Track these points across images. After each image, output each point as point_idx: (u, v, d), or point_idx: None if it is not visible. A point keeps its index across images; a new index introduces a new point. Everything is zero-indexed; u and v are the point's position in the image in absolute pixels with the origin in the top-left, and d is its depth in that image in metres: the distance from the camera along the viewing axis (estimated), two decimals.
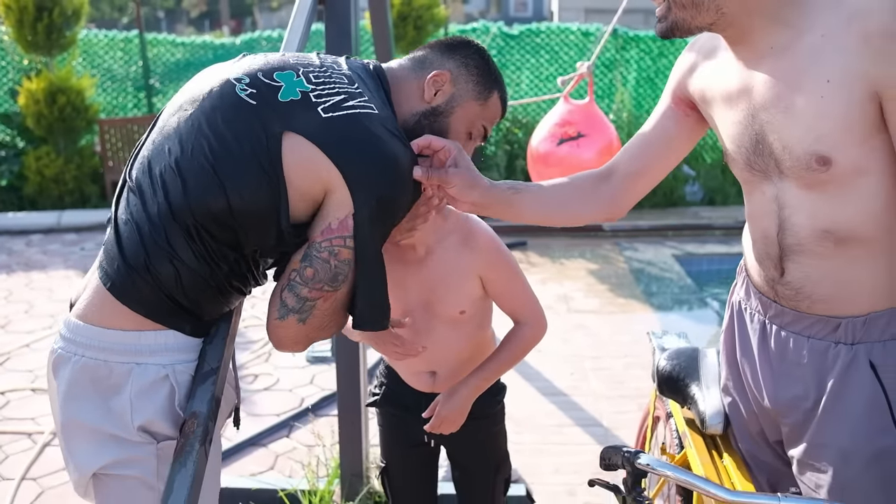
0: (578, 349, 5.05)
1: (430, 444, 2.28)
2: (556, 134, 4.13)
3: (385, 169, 1.60)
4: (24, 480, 3.67)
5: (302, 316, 1.62)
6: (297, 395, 4.47)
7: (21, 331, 5.53)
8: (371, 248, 1.61)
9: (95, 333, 1.61)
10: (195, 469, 1.53)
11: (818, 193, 1.57)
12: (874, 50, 1.44)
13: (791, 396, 1.72)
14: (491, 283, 2.11)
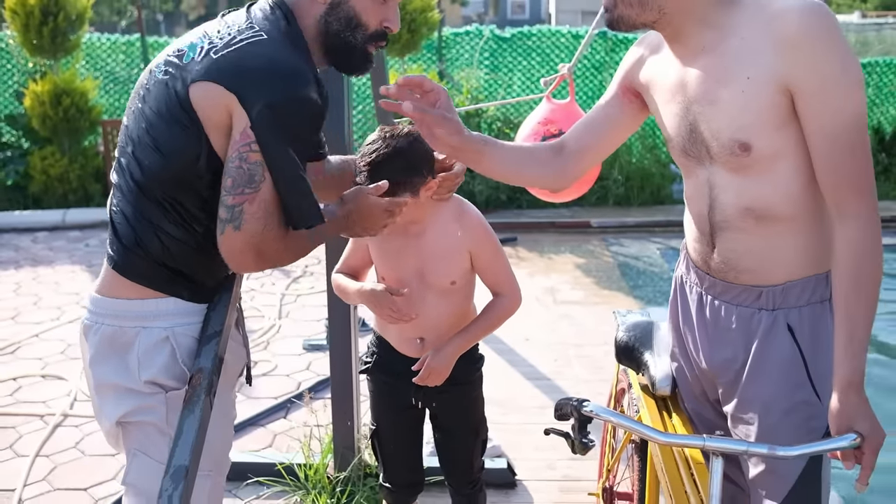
0: (563, 338, 5.29)
1: (419, 405, 2.52)
2: (539, 132, 4.33)
3: (271, 80, 1.76)
4: (37, 457, 3.90)
5: (235, 223, 1.77)
6: (294, 380, 4.70)
7: (30, 321, 5.76)
8: (278, 149, 1.77)
9: (109, 304, 1.91)
10: (201, 416, 1.79)
11: (742, 176, 1.81)
12: (785, 52, 1.68)
13: (723, 359, 1.97)
14: (478, 257, 2.39)
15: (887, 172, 9.40)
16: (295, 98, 1.78)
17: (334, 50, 1.94)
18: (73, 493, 3.62)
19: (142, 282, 1.90)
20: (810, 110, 1.69)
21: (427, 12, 8.99)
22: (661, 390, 2.20)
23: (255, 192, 1.76)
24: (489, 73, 9.64)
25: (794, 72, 1.68)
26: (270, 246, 1.82)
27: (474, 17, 58.80)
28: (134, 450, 1.95)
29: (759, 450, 1.66)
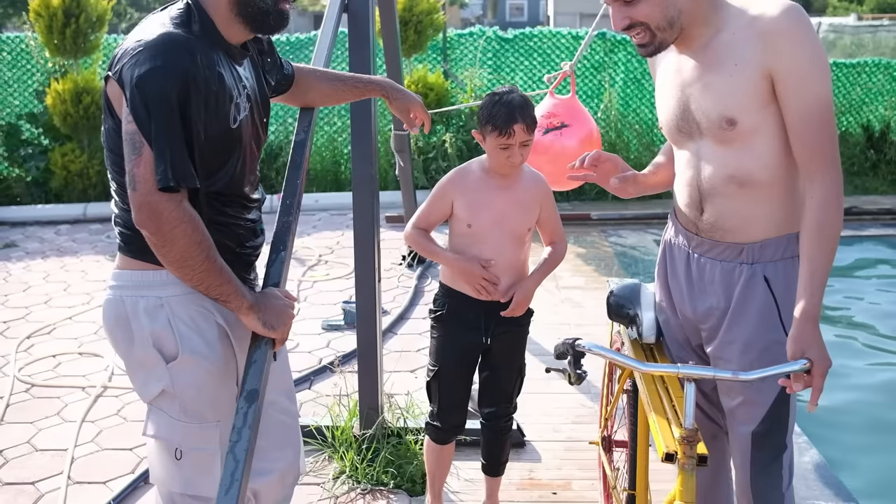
0: (565, 319, 5.65)
1: (487, 342, 3.02)
2: (543, 125, 4.68)
3: (139, 56, 1.95)
4: (84, 423, 4.25)
5: (132, 185, 1.96)
6: (316, 356, 5.06)
7: (62, 306, 6.12)
8: (145, 116, 1.93)
9: (114, 275, 2.23)
10: (266, 350, 2.14)
11: (726, 148, 2.19)
12: (766, 43, 2.07)
13: (707, 307, 2.33)
14: (545, 210, 3.01)
15: (875, 168, 9.75)
16: (156, 68, 1.93)
17: (249, 17, 2.12)
18: (119, 452, 3.97)
19: (136, 255, 2.16)
20: (787, 92, 2.07)
21: (433, 14, 9.35)
22: (647, 339, 2.56)
23: (139, 157, 1.94)
24: (492, 73, 9.99)
25: (774, 60, 2.06)
26: (164, 206, 1.95)
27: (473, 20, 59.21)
28: (152, 407, 2.26)
29: (724, 374, 2.03)
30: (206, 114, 2.04)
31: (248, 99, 2.23)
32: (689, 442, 2.04)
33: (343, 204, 8.87)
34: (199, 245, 2.01)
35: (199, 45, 2.04)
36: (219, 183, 2.16)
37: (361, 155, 3.58)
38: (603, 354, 2.15)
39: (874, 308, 6.55)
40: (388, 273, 6.57)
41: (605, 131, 9.42)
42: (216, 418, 2.21)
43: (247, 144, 2.24)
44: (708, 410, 2.56)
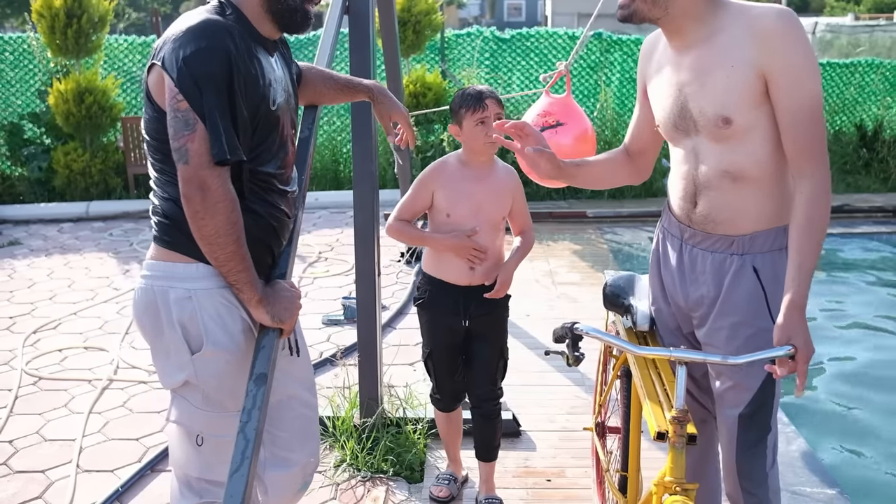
0: (562, 313, 5.76)
1: (466, 324, 3.24)
2: (538, 123, 4.78)
3: (182, 40, 2.09)
4: (91, 414, 4.36)
5: (183, 159, 2.09)
6: (316, 350, 5.16)
7: (67, 301, 6.23)
8: (197, 94, 2.06)
9: (147, 265, 2.34)
10: (275, 336, 2.25)
11: (722, 144, 2.30)
12: (762, 46, 2.19)
13: (699, 295, 2.44)
14: (516, 202, 3.25)
15: (868, 167, 9.87)
16: (201, 49, 2.07)
17: (279, 14, 2.28)
18: (126, 442, 4.07)
19: (170, 247, 2.28)
20: (781, 92, 2.19)
21: (431, 14, 9.45)
22: (641, 327, 2.67)
23: (192, 133, 2.07)
24: (490, 73, 10.10)
25: (769, 62, 2.18)
26: (214, 181, 2.09)
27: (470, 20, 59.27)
28: (175, 395, 2.37)
29: (714, 358, 2.14)
30: (247, 92, 2.17)
31: (284, 89, 2.36)
32: (679, 422, 2.15)
33: (342, 202, 8.98)
34: (234, 225, 2.13)
35: (237, 30, 2.18)
36: (258, 161, 2.28)
37: (362, 153, 3.68)
38: (599, 337, 2.25)
39: (865, 304, 6.66)
40: (386, 269, 6.68)
41: (601, 130, 9.54)
42: (236, 408, 2.29)
43: (284, 129, 2.36)
44: (698, 396, 2.67)
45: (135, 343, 5.32)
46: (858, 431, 4.66)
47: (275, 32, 2.37)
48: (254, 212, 2.28)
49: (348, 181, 9.77)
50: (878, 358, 5.60)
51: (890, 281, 7.20)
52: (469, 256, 3.15)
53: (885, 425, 4.71)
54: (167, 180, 2.24)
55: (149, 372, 4.84)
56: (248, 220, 2.23)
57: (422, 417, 3.95)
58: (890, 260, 7.73)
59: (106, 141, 9.46)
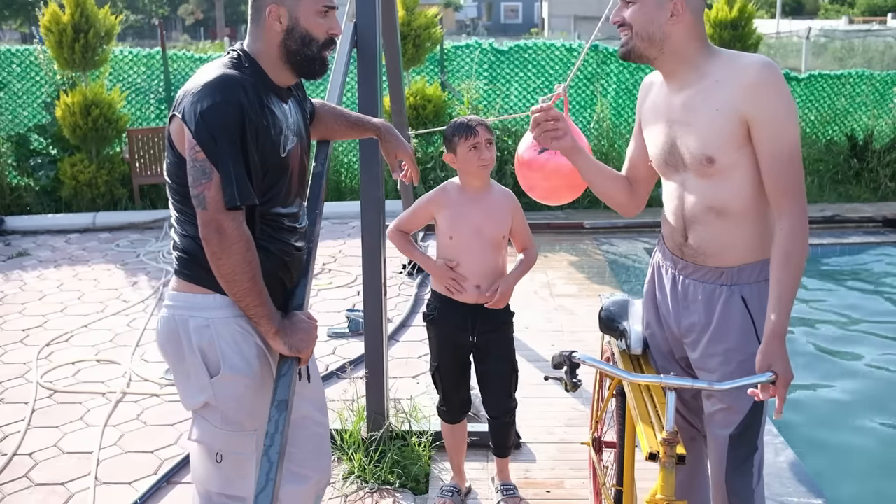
0: (559, 326, 5.94)
1: (473, 340, 3.47)
2: (537, 145, 4.97)
3: (200, 94, 2.27)
4: (106, 427, 4.53)
5: (201, 206, 2.28)
6: (323, 363, 5.33)
7: (78, 314, 6.39)
8: (213, 145, 2.24)
9: (170, 295, 2.54)
10: (292, 363, 2.42)
11: (707, 181, 2.49)
12: (746, 94, 2.38)
13: (690, 322, 2.63)
14: (516, 220, 3.48)
15: (859, 177, 10.06)
16: (216, 103, 2.25)
17: (298, 64, 2.46)
18: (142, 454, 4.24)
19: (190, 279, 2.48)
20: (762, 137, 2.39)
21: (430, 28, 9.63)
22: (634, 350, 2.85)
23: (209, 181, 2.26)
24: (488, 84, 10.29)
25: (751, 109, 2.38)
26: (229, 224, 2.27)
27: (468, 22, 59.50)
28: (196, 415, 2.55)
29: (701, 384, 2.32)
30: (258, 141, 2.35)
31: (296, 134, 2.54)
32: (669, 443, 2.33)
33: (344, 213, 9.14)
34: (249, 264, 2.33)
35: (250, 83, 2.37)
36: (269, 204, 2.46)
37: (370, 179, 3.87)
38: (596, 365, 2.44)
39: (855, 313, 6.84)
40: (389, 282, 6.80)
41: (597, 141, 9.71)
42: (253, 427, 2.49)
43: (293, 172, 2.54)
44: (687, 416, 2.86)
45: (146, 356, 5.49)
46: (845, 442, 4.84)
47: (291, 79, 2.55)
48: (265, 249, 2.47)
49: (350, 191, 9.95)
50: (866, 369, 5.78)
51: (880, 291, 7.38)
52: (446, 285, 3.40)
53: (872, 436, 4.89)
54: (186, 220, 2.43)
55: (160, 385, 5.01)
56: (261, 255, 2.42)
57: (426, 430, 4.13)
58: (880, 270, 7.91)
59: (112, 152, 9.63)
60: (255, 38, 2.48)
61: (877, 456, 4.68)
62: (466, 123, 3.35)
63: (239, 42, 2.54)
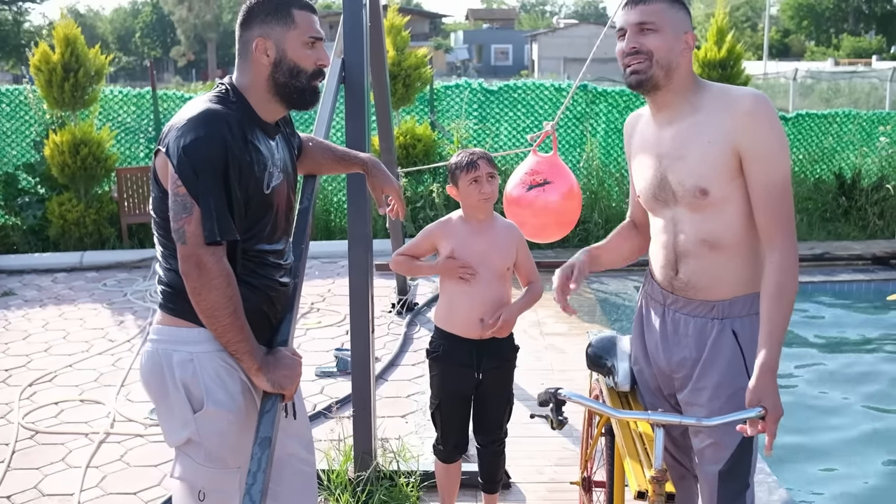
0: (549, 364, 5.89)
1: (478, 376, 3.43)
2: (526, 181, 4.97)
3: (184, 129, 2.26)
4: (88, 468, 4.44)
5: (181, 240, 2.26)
6: (310, 402, 5.26)
7: (62, 353, 6.31)
8: (194, 181, 2.22)
9: (154, 329, 2.50)
10: (276, 400, 2.37)
11: (699, 214, 2.47)
12: (738, 127, 2.38)
13: (681, 357, 2.59)
14: (520, 254, 3.47)
15: (847, 215, 10.09)
16: (199, 138, 2.24)
17: (287, 96, 2.45)
18: (124, 496, 4.16)
19: (174, 313, 2.45)
20: (753, 169, 2.38)
21: (420, 68, 9.69)
22: (622, 387, 2.81)
23: (189, 216, 2.25)
24: (478, 124, 10.33)
25: (744, 141, 2.38)
26: (209, 259, 2.25)
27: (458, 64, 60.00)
28: (179, 452, 2.50)
29: (689, 421, 2.28)
30: (241, 177, 2.33)
31: (282, 170, 2.52)
32: (658, 481, 2.29)
33: (334, 252, 9.11)
34: (230, 299, 2.29)
35: (235, 118, 2.35)
36: (252, 241, 2.44)
37: (358, 214, 3.84)
38: (582, 402, 2.39)
39: (846, 350, 6.82)
40: (378, 321, 6.80)
41: (587, 180, 9.73)
42: (237, 464, 2.43)
43: (279, 209, 2.52)
44: (676, 454, 2.81)
45: (131, 396, 5.42)
46: (839, 480, 4.79)
47: (280, 112, 2.53)
48: (249, 284, 2.44)
49: (339, 231, 9.92)
50: (858, 406, 5.74)
51: (869, 328, 7.37)
52: (458, 275, 3.37)
53: (866, 474, 4.84)
54: (170, 254, 2.39)
55: (145, 425, 4.94)
56: (245, 290, 2.39)
57: (414, 470, 4.06)
58: (869, 307, 7.90)
59: (100, 191, 9.60)
60: (242, 71, 2.47)
61: (872, 494, 4.62)
62: (468, 157, 3.37)
63: (228, 76, 2.52)
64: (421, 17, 65.39)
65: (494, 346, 3.44)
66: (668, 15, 2.43)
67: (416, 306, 7.22)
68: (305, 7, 2.46)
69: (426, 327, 6.79)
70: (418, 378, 5.69)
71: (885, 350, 6.88)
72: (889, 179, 10.15)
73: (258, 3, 2.44)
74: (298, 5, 2.44)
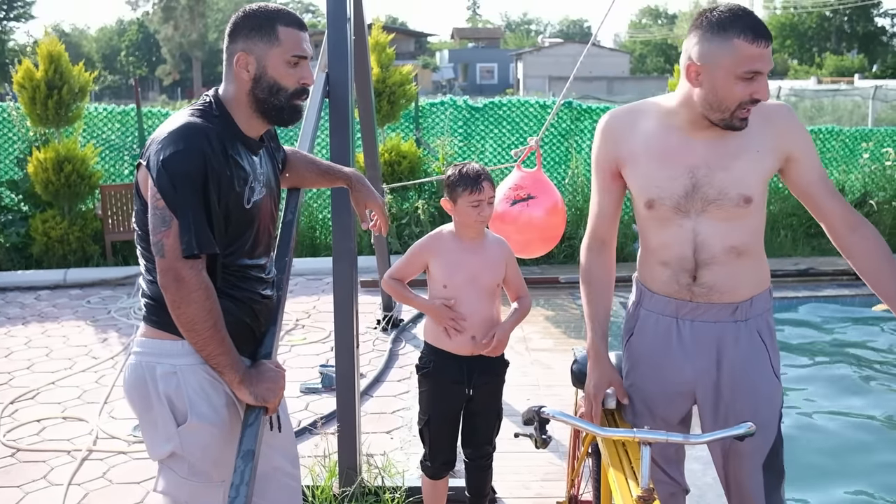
0: (535, 380, 5.88)
1: (469, 392, 3.42)
2: (510, 196, 4.99)
3: (164, 142, 2.25)
4: (70, 485, 4.40)
5: (160, 253, 2.25)
6: (295, 418, 5.23)
7: (45, 371, 6.26)
8: (172, 194, 2.21)
9: (138, 341, 2.49)
10: (259, 413, 2.36)
11: (730, 223, 2.50)
12: (782, 134, 2.48)
13: (702, 368, 2.60)
14: (510, 269, 3.45)
15: None
16: (179, 151, 2.23)
17: (266, 113, 2.42)
18: None
19: (158, 326, 2.43)
20: (807, 164, 2.51)
21: (405, 85, 9.71)
22: (608, 405, 2.79)
23: (168, 229, 2.24)
24: (463, 141, 10.35)
25: (790, 146, 2.50)
26: (188, 273, 2.24)
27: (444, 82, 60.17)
28: (162, 466, 2.48)
29: (676, 438, 2.26)
30: (221, 191, 2.32)
31: (264, 185, 2.51)
32: (645, 500, 2.25)
33: (319, 269, 9.08)
34: (210, 312, 2.28)
35: (216, 132, 2.34)
36: (234, 256, 2.42)
37: (342, 229, 3.83)
38: (565, 421, 2.37)
39: (830, 365, 6.83)
40: (363, 337, 6.78)
41: (572, 197, 9.75)
42: (220, 478, 2.41)
43: (261, 224, 2.50)
44: (667, 469, 2.77)
45: (114, 413, 5.37)
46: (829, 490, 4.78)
47: (262, 127, 2.51)
48: (231, 296, 2.43)
49: (324, 247, 9.90)
50: (845, 419, 5.75)
51: (856, 343, 7.39)
52: (446, 325, 3.33)
53: (847, 485, 4.84)
54: (153, 267, 2.37)
55: (128, 442, 4.89)
56: (228, 303, 2.39)
57: (400, 486, 4.04)
58: (855, 322, 7.93)
59: (84, 209, 9.55)
60: (227, 83, 2.47)
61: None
62: (473, 176, 3.28)
63: (214, 88, 2.51)
64: (406, 36, 65.61)
65: (485, 362, 3.42)
66: None
67: (402, 323, 7.20)
68: (292, 24, 2.42)
69: (412, 343, 6.78)
70: (404, 394, 5.67)
71: (870, 363, 6.90)
72: (872, 195, 10.21)
73: (245, 17, 2.42)
74: (285, 21, 2.41)
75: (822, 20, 59.60)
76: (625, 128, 2.62)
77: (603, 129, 2.67)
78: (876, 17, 60.85)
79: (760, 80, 2.33)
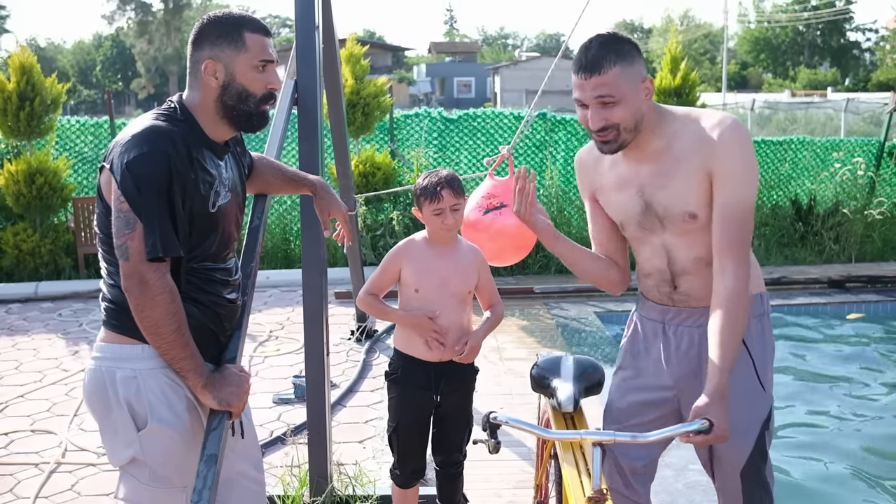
0: (508, 389, 5.88)
1: (437, 399, 3.40)
2: (483, 205, 4.97)
3: (128, 145, 2.24)
4: (37, 499, 4.34)
5: (124, 256, 2.24)
6: (267, 429, 5.20)
7: (14, 384, 6.19)
8: (137, 197, 2.21)
9: (97, 346, 2.48)
10: (223, 417, 2.34)
11: (688, 237, 2.53)
12: (709, 150, 2.43)
13: (688, 371, 2.62)
14: (482, 277, 3.45)
15: (804, 240, 10.22)
16: (143, 154, 2.23)
17: (235, 119, 2.42)
18: None
19: (118, 330, 2.41)
20: (719, 190, 2.44)
21: (380, 97, 9.72)
22: (565, 409, 2.79)
23: (132, 232, 2.23)
24: (438, 152, 10.36)
25: (713, 164, 2.44)
26: (152, 276, 2.23)
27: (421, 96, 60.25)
28: (123, 472, 2.45)
29: (623, 437, 2.26)
30: (185, 194, 2.31)
31: (230, 190, 2.50)
32: (596, 502, 2.25)
33: (293, 280, 9.04)
34: (173, 316, 2.27)
35: (179, 135, 2.33)
36: (198, 259, 2.41)
37: (311, 238, 3.82)
38: (515, 425, 2.37)
39: (802, 374, 6.88)
40: (336, 347, 6.76)
41: (547, 207, 9.77)
42: (182, 483, 2.39)
43: (225, 228, 2.50)
44: (634, 482, 2.75)
45: (84, 425, 5.31)
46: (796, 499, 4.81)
47: (228, 133, 2.51)
48: (195, 300, 2.42)
49: (299, 259, 9.85)
50: (820, 425, 5.78)
51: (827, 351, 7.44)
52: (428, 337, 3.31)
53: (823, 492, 4.86)
54: (114, 271, 2.36)
55: (98, 454, 4.84)
56: (192, 307, 2.38)
57: (371, 495, 4.02)
58: (826, 330, 7.99)
59: (56, 221, 9.48)
60: (192, 90, 2.46)
61: None
62: (432, 186, 3.28)
63: (178, 94, 2.50)
64: (384, 51, 65.71)
65: (454, 368, 3.41)
66: (624, 79, 2.39)
67: (376, 333, 7.18)
68: (258, 30, 2.43)
69: (385, 354, 6.75)
70: (377, 404, 5.65)
71: (839, 371, 6.95)
72: (844, 204, 10.31)
73: (210, 23, 2.42)
74: (251, 28, 2.42)
75: (795, 34, 60.26)
76: (592, 163, 2.73)
77: (577, 166, 2.83)
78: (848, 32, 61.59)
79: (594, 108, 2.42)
